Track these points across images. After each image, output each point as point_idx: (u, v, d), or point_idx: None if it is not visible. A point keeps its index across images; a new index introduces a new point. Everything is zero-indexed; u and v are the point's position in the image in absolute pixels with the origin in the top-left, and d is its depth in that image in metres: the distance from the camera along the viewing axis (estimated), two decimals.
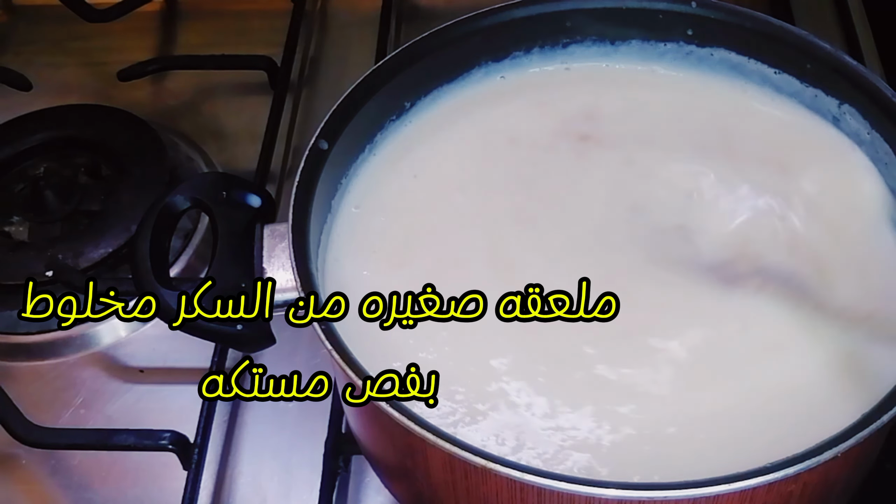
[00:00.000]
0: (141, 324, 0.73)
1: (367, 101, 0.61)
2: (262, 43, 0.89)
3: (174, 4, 0.96)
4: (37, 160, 0.81)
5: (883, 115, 0.59)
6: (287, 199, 0.55)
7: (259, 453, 0.67)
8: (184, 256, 0.76)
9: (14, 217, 0.77)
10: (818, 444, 0.46)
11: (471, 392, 0.53)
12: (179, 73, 0.89)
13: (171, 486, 0.64)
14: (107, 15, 0.89)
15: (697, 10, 0.63)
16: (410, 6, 0.94)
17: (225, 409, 0.68)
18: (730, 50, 0.64)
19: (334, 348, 0.50)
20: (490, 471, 0.46)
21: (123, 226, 0.75)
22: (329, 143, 0.58)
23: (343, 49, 0.91)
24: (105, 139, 0.81)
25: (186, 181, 0.58)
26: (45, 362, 0.72)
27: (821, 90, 0.62)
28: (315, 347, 0.67)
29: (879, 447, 0.56)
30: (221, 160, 0.83)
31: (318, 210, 0.57)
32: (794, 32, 0.62)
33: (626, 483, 0.45)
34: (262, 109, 0.84)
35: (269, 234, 0.56)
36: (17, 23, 0.97)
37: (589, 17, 0.65)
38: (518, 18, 0.64)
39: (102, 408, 0.69)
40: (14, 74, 0.87)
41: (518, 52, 0.66)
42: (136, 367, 0.71)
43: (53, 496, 0.66)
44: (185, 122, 0.86)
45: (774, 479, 0.45)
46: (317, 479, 0.63)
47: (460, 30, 0.64)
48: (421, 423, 0.47)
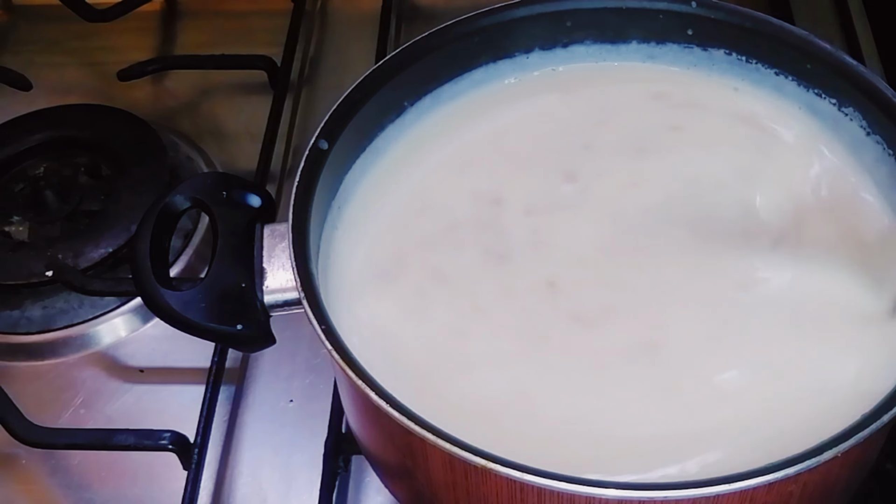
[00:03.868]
0: (141, 324, 0.73)
1: (367, 101, 0.61)
2: (262, 43, 0.89)
3: (174, 4, 0.96)
4: (37, 160, 0.81)
5: (883, 115, 0.59)
6: (287, 199, 0.55)
7: (259, 453, 0.67)
8: (184, 256, 0.76)
9: (14, 217, 0.77)
10: (818, 444, 0.46)
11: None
12: (179, 73, 0.89)
13: (171, 486, 0.64)
14: (107, 15, 0.89)
15: (697, 10, 0.63)
16: (410, 6, 0.94)
17: (225, 409, 0.68)
18: (730, 50, 0.64)
19: (334, 348, 0.50)
20: (490, 471, 0.45)
21: (123, 226, 0.75)
22: (329, 143, 0.58)
23: (343, 49, 0.91)
24: (105, 139, 0.81)
25: (186, 181, 0.58)
26: (45, 362, 0.72)
27: (821, 90, 0.62)
28: (315, 347, 0.67)
29: (879, 447, 0.56)
30: (221, 160, 0.83)
31: (318, 210, 0.57)
32: (794, 32, 0.62)
33: (626, 483, 0.45)
34: (262, 109, 0.84)
35: (269, 234, 0.56)
36: (17, 23, 0.97)
37: (589, 16, 0.65)
38: (518, 18, 0.64)
39: (102, 408, 0.69)
40: (14, 74, 0.87)
41: (518, 52, 0.66)
42: (136, 367, 0.71)
43: (53, 496, 0.66)
44: (185, 122, 0.86)
45: (774, 479, 0.45)
46: (317, 479, 0.63)
47: (460, 30, 0.64)
48: (421, 423, 0.47)
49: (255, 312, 0.54)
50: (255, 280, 0.54)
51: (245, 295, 0.54)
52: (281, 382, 0.70)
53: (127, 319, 0.73)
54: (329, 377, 0.68)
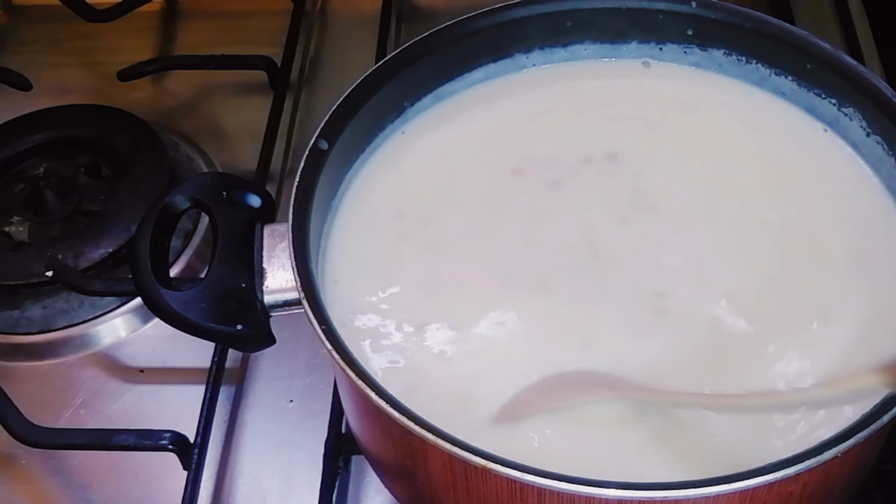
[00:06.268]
0: (141, 324, 0.73)
1: (367, 101, 0.61)
2: (262, 43, 0.89)
3: (174, 4, 0.96)
4: (37, 160, 0.81)
5: (883, 115, 0.59)
6: (287, 199, 0.55)
7: (259, 453, 0.67)
8: (184, 256, 0.76)
9: (14, 217, 0.77)
10: (818, 444, 0.46)
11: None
12: (179, 73, 0.89)
13: (171, 486, 0.64)
14: (107, 15, 0.89)
15: (697, 10, 0.63)
16: (410, 6, 0.94)
17: (225, 409, 0.68)
18: (730, 50, 0.64)
19: (334, 348, 0.50)
20: (490, 471, 0.45)
21: (123, 226, 0.75)
22: (329, 143, 0.58)
23: (343, 49, 0.91)
24: (105, 139, 0.81)
25: (186, 181, 0.58)
26: (45, 362, 0.72)
27: (821, 91, 0.62)
28: (315, 347, 0.68)
29: (879, 447, 0.56)
30: (221, 160, 0.83)
31: (318, 210, 0.57)
32: (794, 32, 0.62)
33: (626, 483, 0.45)
34: (262, 109, 0.84)
35: (269, 234, 0.56)
36: (17, 23, 0.97)
37: (589, 16, 0.65)
38: (518, 18, 0.64)
39: (102, 408, 0.69)
40: (14, 74, 0.87)
41: (518, 52, 0.66)
42: (136, 367, 0.71)
43: (53, 496, 0.66)
44: (185, 122, 0.86)
45: (774, 479, 0.45)
46: (317, 479, 0.63)
47: (460, 30, 0.64)
48: (421, 423, 0.47)
49: (255, 312, 0.54)
50: (255, 280, 0.54)
51: (245, 295, 0.54)
52: (281, 382, 0.70)
53: (127, 319, 0.73)
54: (329, 377, 0.68)
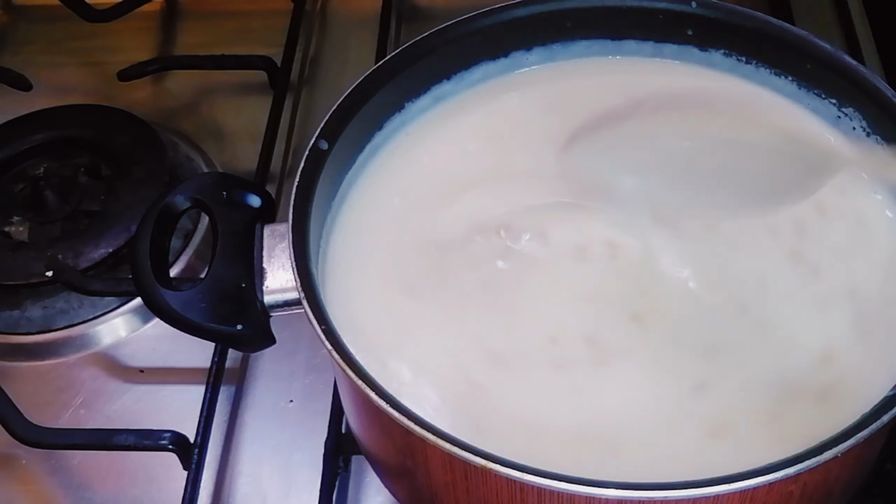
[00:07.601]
0: (141, 324, 0.73)
1: (367, 101, 0.61)
2: (262, 43, 0.89)
3: (174, 4, 0.96)
4: (37, 160, 0.81)
5: (883, 115, 0.59)
6: (287, 199, 0.55)
7: (259, 453, 0.67)
8: (184, 256, 0.76)
9: (14, 217, 0.77)
10: (818, 444, 0.46)
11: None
12: (179, 73, 0.89)
13: (171, 486, 0.64)
14: (107, 15, 0.89)
15: (697, 10, 0.63)
16: (410, 6, 0.94)
17: (225, 409, 0.68)
18: (729, 50, 0.64)
19: (334, 348, 0.50)
20: (490, 471, 0.45)
21: (123, 226, 0.75)
22: (329, 143, 0.58)
23: (343, 49, 0.91)
24: (105, 139, 0.81)
25: (186, 181, 0.58)
26: (45, 362, 0.72)
27: (821, 91, 0.62)
28: (315, 347, 0.67)
29: (879, 447, 0.56)
30: (221, 160, 0.83)
31: (318, 210, 0.57)
32: (794, 32, 0.62)
33: (626, 483, 0.45)
34: (262, 109, 0.84)
35: (269, 234, 0.56)
36: (17, 23, 0.97)
37: (589, 16, 0.65)
38: (518, 18, 0.64)
39: (102, 408, 0.69)
40: (14, 74, 0.87)
41: (518, 52, 0.66)
42: (136, 367, 0.71)
43: (53, 496, 0.66)
44: (185, 122, 0.86)
45: (774, 479, 0.45)
46: (317, 479, 0.63)
47: (460, 30, 0.64)
48: (421, 423, 0.47)
49: (255, 312, 0.54)
50: (255, 280, 0.54)
51: (245, 295, 0.54)
52: (281, 382, 0.70)
53: (127, 319, 0.73)
54: (329, 377, 0.68)
